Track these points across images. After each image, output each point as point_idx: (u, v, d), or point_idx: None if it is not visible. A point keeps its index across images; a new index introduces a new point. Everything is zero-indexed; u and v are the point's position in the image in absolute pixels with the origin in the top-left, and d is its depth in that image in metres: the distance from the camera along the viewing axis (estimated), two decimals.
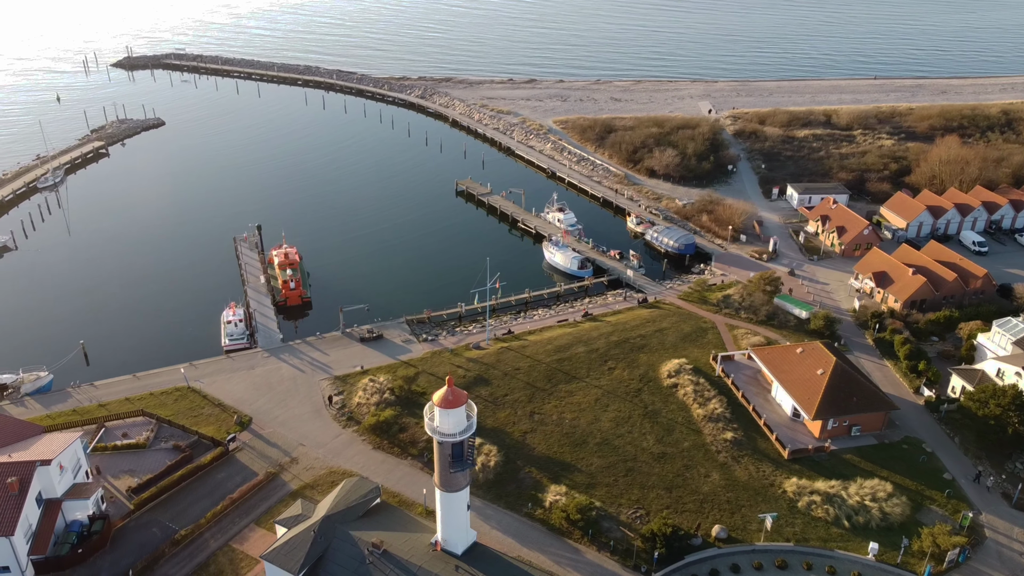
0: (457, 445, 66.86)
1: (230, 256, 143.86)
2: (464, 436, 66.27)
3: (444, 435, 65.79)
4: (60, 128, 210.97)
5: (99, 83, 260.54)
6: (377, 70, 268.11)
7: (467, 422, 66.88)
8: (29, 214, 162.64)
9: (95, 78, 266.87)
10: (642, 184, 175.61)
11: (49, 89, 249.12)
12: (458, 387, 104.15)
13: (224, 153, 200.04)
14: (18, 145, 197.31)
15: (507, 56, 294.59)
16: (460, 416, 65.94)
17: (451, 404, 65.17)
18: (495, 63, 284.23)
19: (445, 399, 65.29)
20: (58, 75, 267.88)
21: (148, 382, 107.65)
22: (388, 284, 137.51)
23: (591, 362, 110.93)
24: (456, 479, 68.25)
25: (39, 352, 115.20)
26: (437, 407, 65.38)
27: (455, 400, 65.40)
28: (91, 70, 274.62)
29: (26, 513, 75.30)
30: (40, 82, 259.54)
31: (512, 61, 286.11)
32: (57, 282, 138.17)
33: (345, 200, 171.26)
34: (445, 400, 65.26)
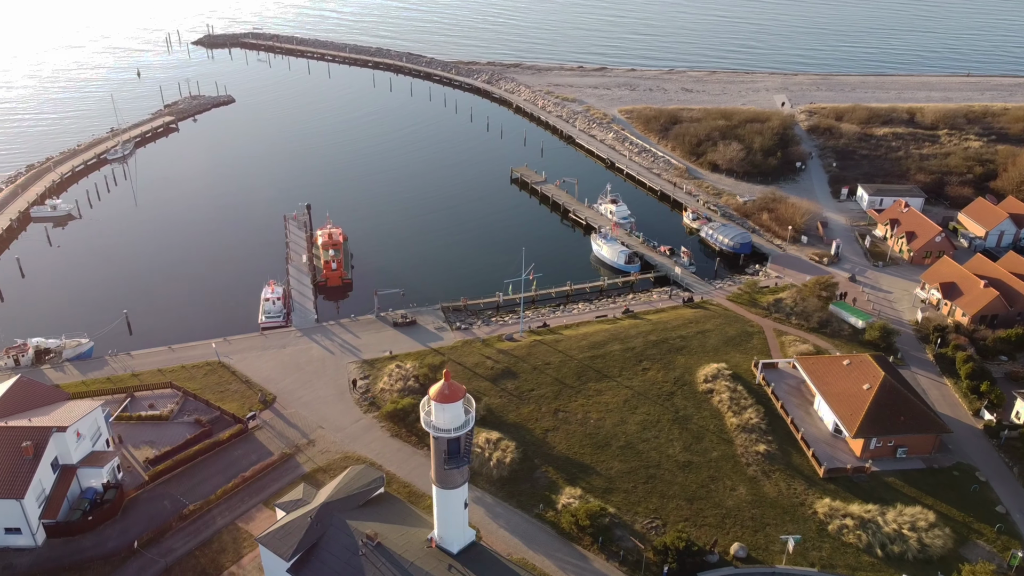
0: (453, 441, 64.22)
1: (279, 234, 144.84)
2: (460, 432, 63.58)
3: (439, 430, 63.27)
4: (136, 103, 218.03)
5: (179, 60, 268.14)
6: (447, 54, 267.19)
7: (465, 417, 64.14)
8: (95, 184, 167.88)
9: (176, 55, 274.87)
10: (703, 178, 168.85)
11: (132, 66, 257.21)
12: (485, 379, 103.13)
13: (287, 132, 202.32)
14: (95, 118, 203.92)
15: (579, 43, 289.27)
16: (457, 411, 63.22)
17: (448, 398, 62.52)
18: (566, 50, 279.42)
19: (441, 393, 62.68)
20: (142, 52, 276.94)
21: (182, 355, 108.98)
22: (429, 270, 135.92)
23: (625, 361, 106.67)
24: (452, 476, 65.67)
25: (87, 318, 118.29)
26: (433, 401, 62.85)
27: (452, 394, 62.71)
28: (173, 48, 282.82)
29: (39, 477, 76.64)
30: (124, 58, 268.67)
31: (583, 49, 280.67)
32: (112, 252, 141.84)
33: (399, 184, 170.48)
34: (441, 394, 62.66)
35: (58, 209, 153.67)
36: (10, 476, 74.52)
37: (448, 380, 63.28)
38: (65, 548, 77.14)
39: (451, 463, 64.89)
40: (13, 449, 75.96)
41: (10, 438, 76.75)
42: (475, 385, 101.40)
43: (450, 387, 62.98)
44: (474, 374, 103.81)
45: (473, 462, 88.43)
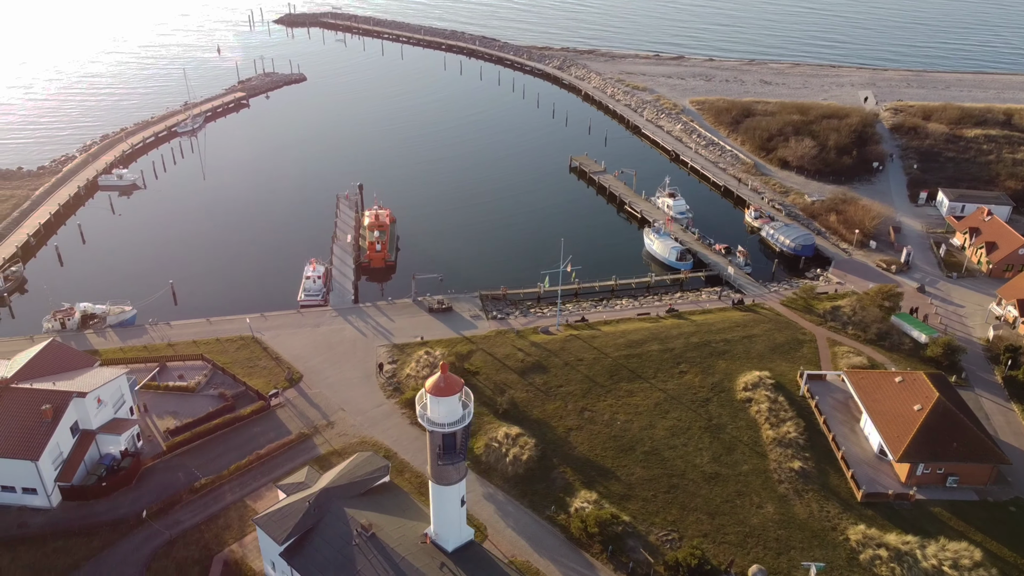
0: (449, 436, 61.58)
1: (331, 213, 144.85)
2: (456, 428, 60.86)
3: (434, 424, 60.68)
4: (212, 78, 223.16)
5: (259, 38, 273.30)
6: (520, 39, 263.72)
7: (462, 412, 61.36)
8: (162, 156, 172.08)
9: (257, 33, 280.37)
10: (771, 175, 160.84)
11: (213, 43, 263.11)
12: (514, 372, 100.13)
13: (352, 111, 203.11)
14: (172, 92, 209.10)
15: (657, 31, 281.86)
16: (453, 405, 60.47)
17: (443, 392, 59.81)
18: (644, 38, 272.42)
19: (436, 386, 60.00)
20: (225, 30, 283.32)
21: (219, 328, 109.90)
22: (473, 257, 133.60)
23: (662, 362, 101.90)
24: (447, 472, 63.09)
25: (137, 286, 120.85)
26: (428, 394, 60.27)
27: (447, 388, 59.96)
28: (256, 26, 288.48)
29: (57, 441, 77.88)
30: (206, 36, 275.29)
31: (661, 37, 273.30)
32: (169, 222, 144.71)
33: (455, 168, 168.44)
34: (436, 387, 59.99)
35: (124, 179, 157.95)
36: (27, 437, 75.91)
37: (445, 372, 60.54)
38: (78, 512, 78.30)
39: (446, 459, 62.29)
40: (33, 411, 77.35)
41: (31, 400, 78.18)
42: (502, 377, 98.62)
43: (446, 380, 60.25)
44: (503, 366, 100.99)
45: (489, 457, 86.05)
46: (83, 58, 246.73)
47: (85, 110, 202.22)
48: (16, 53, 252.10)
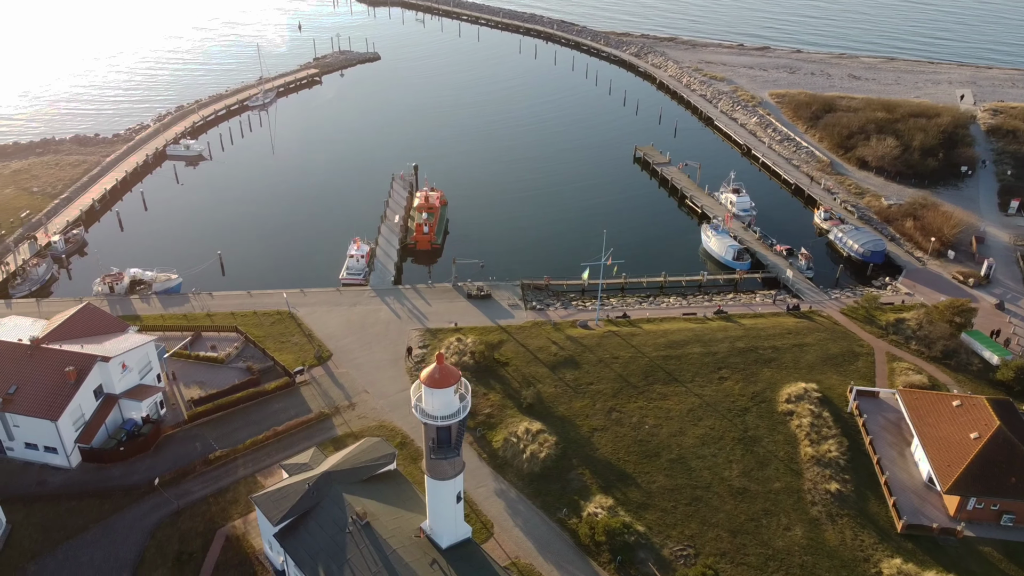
0: (443, 430, 58.97)
1: (386, 192, 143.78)
2: (451, 421, 58.15)
3: (428, 417, 58.12)
4: (289, 55, 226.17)
5: (340, 17, 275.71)
6: (600, 24, 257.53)
7: (458, 404, 58.61)
8: (229, 129, 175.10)
9: (339, 12, 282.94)
10: (847, 175, 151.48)
11: (295, 21, 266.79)
12: (545, 365, 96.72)
13: (421, 92, 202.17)
14: (249, 68, 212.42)
15: (744, 21, 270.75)
16: (448, 398, 57.75)
17: (438, 383, 57.13)
18: (728, 28, 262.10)
19: (431, 377, 57.36)
20: (308, 7, 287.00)
21: (258, 301, 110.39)
22: (522, 244, 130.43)
23: (702, 366, 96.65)
24: (441, 467, 60.50)
25: (189, 254, 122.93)
26: (423, 385, 57.69)
27: (442, 379, 57.25)
28: (338, 4, 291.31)
29: (79, 403, 79.06)
30: (290, 13, 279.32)
31: (747, 28, 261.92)
32: (230, 193, 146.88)
33: (518, 154, 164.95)
34: (431, 378, 57.36)
35: (191, 149, 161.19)
36: (50, 398, 77.25)
37: (440, 363, 57.82)
38: (95, 474, 79.47)
39: (439, 453, 59.72)
40: (57, 372, 78.69)
41: (57, 361, 79.58)
42: (532, 370, 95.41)
43: (441, 371, 57.53)
44: (534, 358, 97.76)
45: (506, 452, 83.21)
46: (168, 33, 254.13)
47: (165, 83, 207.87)
48: (105, 27, 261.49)
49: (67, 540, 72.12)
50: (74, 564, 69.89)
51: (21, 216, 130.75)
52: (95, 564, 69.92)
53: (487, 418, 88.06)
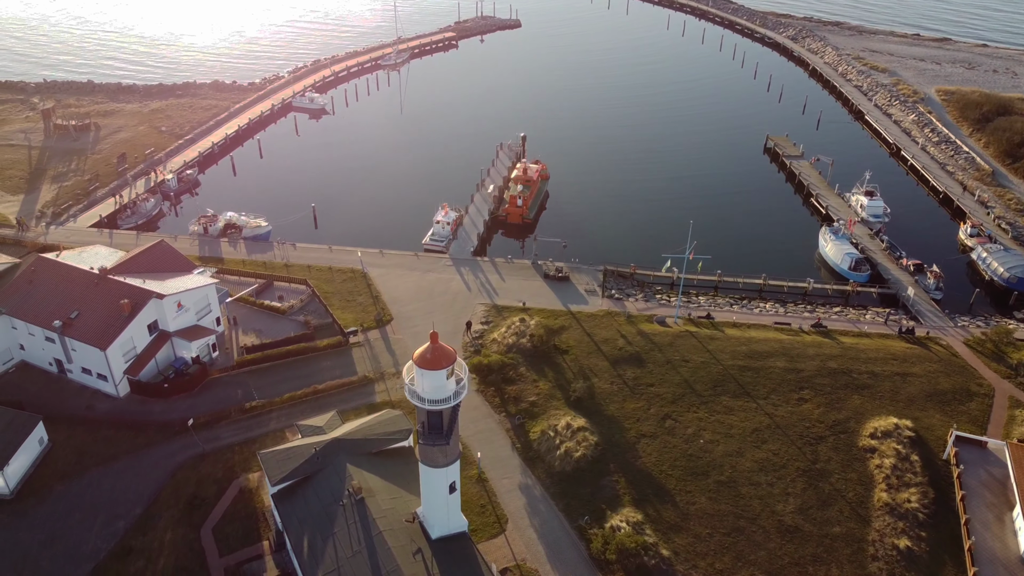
0: (434, 415, 54.63)
1: (486, 161, 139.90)
2: (440, 406, 53.71)
3: (417, 399, 53.94)
4: (432, 17, 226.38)
5: None
6: (760, 2, 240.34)
7: (453, 388, 54.05)
8: (356, 86, 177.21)
9: None
10: (1011, 187, 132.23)
11: None
12: (606, 358, 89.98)
13: (555, 62, 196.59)
14: (390, 27, 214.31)
15: (925, 8, 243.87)
16: (439, 381, 53.34)
17: (428, 364, 52.79)
18: (906, 14, 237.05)
19: (423, 357, 53.09)
20: None
21: (337, 256, 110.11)
22: (618, 229, 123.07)
23: (782, 383, 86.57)
24: (431, 453, 56.35)
25: (290, 204, 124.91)
26: (415, 364, 53.48)
27: (434, 360, 52.82)
28: None
29: (131, 335, 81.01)
30: None
31: (927, 16, 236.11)
32: (341, 149, 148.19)
33: (642, 134, 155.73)
34: (423, 358, 53.08)
35: (314, 102, 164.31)
36: (103, 327, 79.55)
37: (435, 342, 53.35)
38: (139, 407, 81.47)
39: (428, 439, 55.57)
40: (115, 304, 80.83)
41: (117, 293, 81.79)
42: (591, 362, 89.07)
43: (433, 351, 53.06)
44: (597, 350, 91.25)
45: (541, 446, 77.91)
46: None
47: (308, 38, 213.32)
48: None
49: (97, 467, 74.17)
50: (96, 491, 71.69)
51: (145, 153, 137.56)
52: (114, 494, 71.38)
53: (530, 406, 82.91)
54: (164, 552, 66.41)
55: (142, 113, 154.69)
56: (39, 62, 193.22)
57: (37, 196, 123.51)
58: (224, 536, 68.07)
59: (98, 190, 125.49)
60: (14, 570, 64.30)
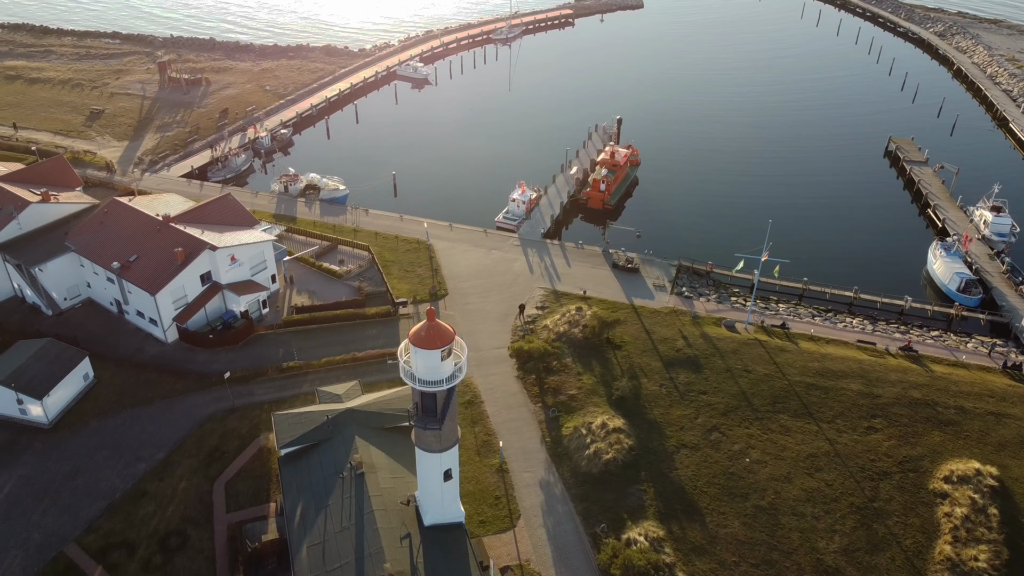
0: (428, 396, 51.49)
1: (578, 142, 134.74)
2: (432, 388, 50.49)
3: (409, 378, 50.90)
4: None
5: None
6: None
7: (448, 371, 50.69)
8: (461, 59, 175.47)
9: None
10: None
11: None
12: (660, 359, 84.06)
13: (670, 46, 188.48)
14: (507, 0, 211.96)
15: None
16: (432, 361, 50.06)
17: (422, 342, 49.59)
18: None
19: (417, 335, 49.94)
20: None
21: (406, 226, 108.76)
22: (704, 224, 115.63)
23: (852, 407, 78.09)
24: (424, 437, 53.37)
25: (375, 170, 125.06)
26: (410, 342, 50.42)
27: (428, 338, 49.56)
28: None
29: (183, 283, 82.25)
30: None
31: None
32: (436, 119, 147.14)
33: (750, 128, 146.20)
34: (417, 336, 49.94)
35: (418, 72, 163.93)
36: (155, 273, 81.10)
37: (431, 320, 50.02)
38: (184, 354, 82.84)
39: (420, 422, 52.53)
40: (169, 250, 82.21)
41: (174, 241, 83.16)
42: (643, 361, 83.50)
43: (429, 329, 49.78)
44: (652, 348, 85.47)
45: (571, 443, 73.53)
46: None
47: (422, 7, 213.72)
48: None
49: (132, 408, 75.81)
50: (126, 431, 73.20)
51: (247, 110, 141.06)
52: (142, 437, 72.63)
53: (568, 400, 78.48)
54: (175, 500, 66.84)
55: (252, 72, 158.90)
56: (170, 19, 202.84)
57: (140, 144, 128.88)
58: (235, 492, 67.82)
59: (196, 142, 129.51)
60: (35, 498, 66.41)
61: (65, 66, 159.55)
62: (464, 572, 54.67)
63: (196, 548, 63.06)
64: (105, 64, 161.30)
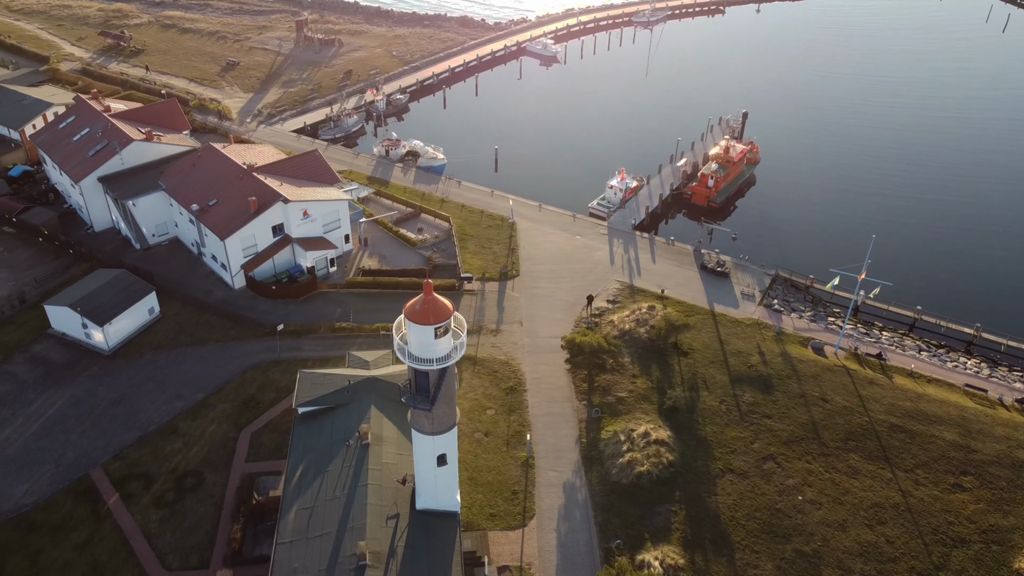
0: (422, 374, 48.45)
1: (695, 133, 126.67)
2: (423, 366, 47.41)
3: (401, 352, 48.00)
4: None
5: None
6: None
7: (442, 350, 47.42)
8: (595, 39, 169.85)
9: None
10: None
11: None
12: (727, 374, 76.80)
13: (828, 42, 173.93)
14: None
15: None
16: (425, 337, 46.92)
17: (416, 316, 46.56)
18: None
19: (412, 308, 46.94)
20: None
21: (494, 202, 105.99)
22: (815, 235, 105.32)
23: (939, 459, 68.11)
24: (417, 416, 50.47)
25: (476, 142, 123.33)
26: (404, 316, 47.47)
27: (422, 313, 46.51)
28: None
29: (254, 232, 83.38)
30: None
31: None
32: (558, 99, 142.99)
33: (897, 138, 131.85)
34: (412, 310, 46.96)
35: (547, 49, 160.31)
36: (229, 219, 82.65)
37: (429, 294, 46.79)
38: (247, 302, 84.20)
39: (412, 400, 49.60)
40: (245, 199, 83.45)
41: (250, 189, 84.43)
42: (707, 372, 76.75)
43: (424, 303, 46.74)
44: (722, 360, 78.40)
45: (606, 448, 68.62)
46: None
47: None
48: None
49: (186, 346, 77.82)
50: (174, 368, 75.15)
51: (370, 73, 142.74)
52: (188, 376, 74.30)
53: (616, 402, 73.23)
54: (201, 441, 67.77)
55: (385, 37, 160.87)
56: None
57: (263, 97, 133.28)
58: (259, 443, 67.94)
59: (314, 100, 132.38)
60: (79, 419, 69.30)
61: (216, 19, 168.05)
62: (444, 564, 51.50)
63: (208, 492, 63.55)
64: (252, 20, 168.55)
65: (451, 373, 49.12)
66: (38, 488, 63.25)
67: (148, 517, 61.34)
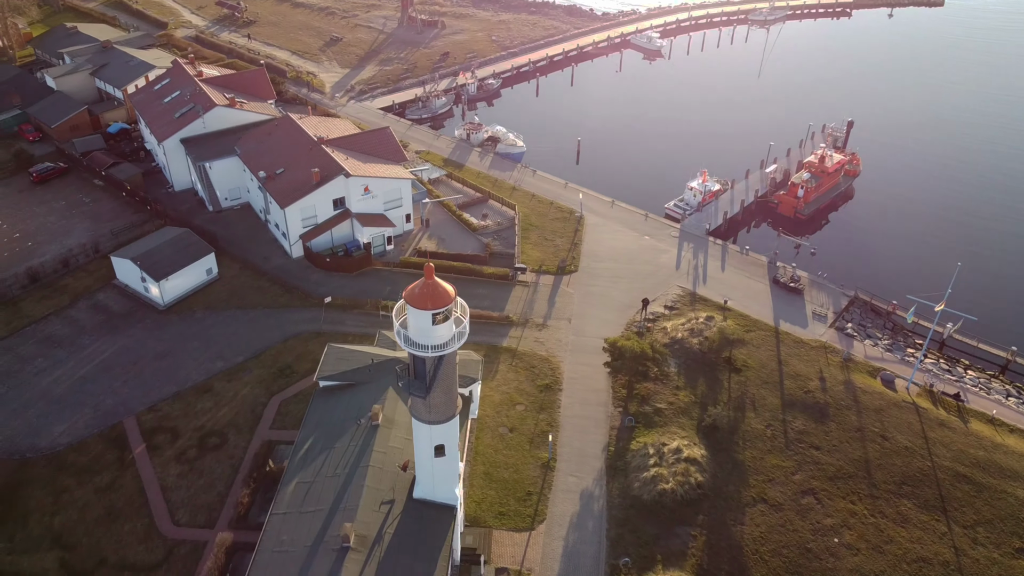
0: (419, 361, 46.83)
1: (792, 140, 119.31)
2: (419, 352, 45.74)
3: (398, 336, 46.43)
4: None
5: None
6: None
7: (440, 338, 45.60)
8: (705, 35, 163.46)
9: None
10: None
11: None
12: (780, 396, 71.53)
13: (963, 51, 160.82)
14: None
15: None
16: (423, 323, 45.21)
17: (415, 300, 44.87)
18: None
19: (411, 291, 45.24)
20: None
21: (566, 195, 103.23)
22: (908, 256, 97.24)
23: (1007, 519, 61.00)
24: (415, 403, 48.96)
25: (563, 132, 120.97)
26: (404, 300, 45.87)
27: (421, 297, 44.74)
28: None
29: (315, 204, 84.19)
30: None
31: None
32: (650, 93, 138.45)
33: (1013, 162, 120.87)
34: (411, 293, 45.25)
35: (652, 43, 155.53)
36: (292, 189, 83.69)
37: (430, 278, 44.99)
38: (302, 271, 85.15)
39: (408, 385, 48.09)
40: (310, 170, 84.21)
41: (316, 160, 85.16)
42: (759, 393, 71.80)
43: (424, 287, 45.00)
44: (777, 382, 73.16)
45: (632, 460, 65.25)
46: None
47: None
48: None
49: (235, 309, 79.43)
50: (222, 329, 76.80)
51: (467, 56, 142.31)
52: (232, 338, 75.75)
53: (653, 413, 69.51)
54: (232, 403, 68.84)
55: (488, 21, 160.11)
56: None
57: (358, 73, 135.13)
58: (286, 412, 68.40)
59: (407, 79, 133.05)
60: (124, 367, 71.85)
61: None
62: (430, 558, 49.88)
63: (228, 453, 64.44)
64: None
65: (451, 362, 47.24)
66: (74, 429, 65.88)
67: (168, 471, 62.74)
